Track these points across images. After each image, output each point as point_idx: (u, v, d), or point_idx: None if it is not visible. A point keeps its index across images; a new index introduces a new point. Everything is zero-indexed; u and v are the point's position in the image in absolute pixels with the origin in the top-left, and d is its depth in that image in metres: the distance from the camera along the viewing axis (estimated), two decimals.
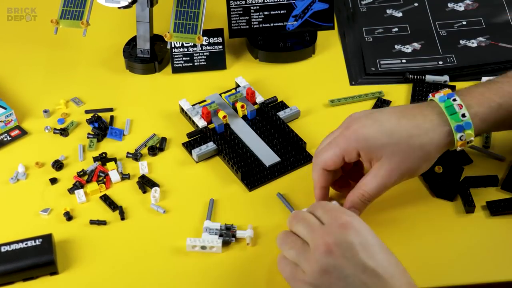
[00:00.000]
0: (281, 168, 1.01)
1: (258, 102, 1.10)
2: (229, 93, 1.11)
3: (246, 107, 1.08)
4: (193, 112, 1.07)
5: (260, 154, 1.02)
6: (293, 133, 1.04)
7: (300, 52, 1.20)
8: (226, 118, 1.06)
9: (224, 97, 1.10)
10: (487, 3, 1.27)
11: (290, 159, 1.02)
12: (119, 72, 1.20)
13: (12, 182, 1.00)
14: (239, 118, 1.08)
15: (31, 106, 1.13)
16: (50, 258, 0.87)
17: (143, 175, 1.00)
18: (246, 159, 1.01)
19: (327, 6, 1.18)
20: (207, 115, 1.06)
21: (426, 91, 1.11)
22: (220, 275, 0.88)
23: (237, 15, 1.18)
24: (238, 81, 1.13)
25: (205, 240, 0.89)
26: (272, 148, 1.03)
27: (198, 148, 1.02)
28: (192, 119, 1.07)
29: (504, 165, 1.00)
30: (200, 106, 1.08)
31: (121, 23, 1.28)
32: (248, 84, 1.12)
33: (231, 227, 0.92)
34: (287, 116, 1.08)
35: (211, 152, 1.02)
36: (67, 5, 1.13)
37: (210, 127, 1.06)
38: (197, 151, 1.01)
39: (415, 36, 1.22)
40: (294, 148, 1.03)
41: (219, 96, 1.11)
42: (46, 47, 1.25)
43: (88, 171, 1.00)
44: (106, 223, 0.94)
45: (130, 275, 0.88)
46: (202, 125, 1.05)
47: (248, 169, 0.99)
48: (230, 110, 1.09)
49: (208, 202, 0.96)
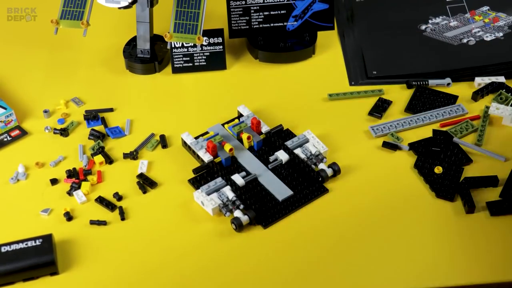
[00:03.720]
0: (294, 201, 0.96)
1: (264, 132, 1.05)
2: (232, 123, 1.06)
3: (252, 138, 1.03)
4: (197, 147, 1.01)
5: (272, 188, 0.97)
6: (303, 163, 0.99)
7: (300, 52, 1.20)
8: (233, 151, 1.01)
9: (228, 128, 1.05)
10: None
11: (303, 191, 0.97)
12: (119, 72, 1.20)
13: (12, 182, 1.00)
14: (245, 150, 1.03)
15: (31, 106, 1.13)
16: (50, 258, 0.87)
17: (142, 173, 1.00)
18: (258, 193, 0.97)
19: (327, 6, 1.18)
20: (212, 149, 1.00)
21: (427, 96, 1.11)
22: (223, 274, 0.88)
23: (237, 15, 1.18)
24: (241, 110, 1.08)
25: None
26: (283, 180, 0.98)
27: (206, 185, 0.96)
28: (196, 153, 1.02)
29: (504, 165, 1.00)
30: (204, 139, 1.02)
31: (121, 23, 1.28)
32: (252, 113, 1.06)
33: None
34: (295, 145, 1.02)
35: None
36: (67, 5, 1.13)
37: (216, 161, 1.01)
38: (206, 189, 0.96)
39: (416, 36, 1.22)
40: (306, 180, 0.98)
41: (222, 127, 1.06)
42: (46, 47, 1.25)
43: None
44: (106, 223, 0.94)
45: (130, 275, 0.88)
46: (208, 160, 1.01)
47: (260, 205, 0.95)
48: (236, 141, 1.04)
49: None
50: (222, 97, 1.14)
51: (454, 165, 0.99)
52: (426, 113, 1.07)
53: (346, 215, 0.94)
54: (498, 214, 0.93)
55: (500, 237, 0.91)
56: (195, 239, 0.92)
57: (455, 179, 0.97)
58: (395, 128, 1.06)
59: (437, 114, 1.07)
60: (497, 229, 0.92)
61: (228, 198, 0.95)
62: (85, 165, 1.02)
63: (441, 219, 0.93)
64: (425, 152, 1.01)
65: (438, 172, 0.97)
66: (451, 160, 1.00)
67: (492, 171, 0.98)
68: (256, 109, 1.09)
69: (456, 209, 0.94)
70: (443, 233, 0.92)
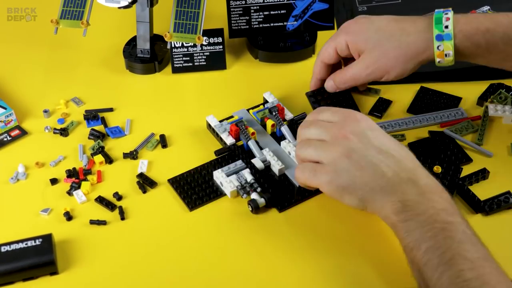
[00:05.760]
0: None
1: (287, 119, 1.06)
2: (257, 109, 1.07)
3: (276, 124, 1.04)
4: (221, 129, 1.03)
5: (290, 174, 0.98)
6: None
7: (300, 52, 1.20)
8: (255, 135, 1.03)
9: (252, 113, 1.07)
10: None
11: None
12: (119, 72, 1.20)
13: (12, 182, 1.00)
14: (267, 135, 1.05)
15: (31, 106, 1.13)
16: (50, 258, 0.87)
17: (142, 173, 1.00)
18: (275, 178, 0.98)
19: (327, 6, 1.18)
20: (235, 132, 1.02)
21: (429, 98, 1.11)
22: (223, 273, 0.88)
23: (237, 15, 1.18)
24: (266, 97, 1.09)
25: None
26: None
27: (226, 167, 0.98)
28: (219, 136, 1.03)
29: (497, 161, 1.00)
30: (228, 123, 1.04)
31: (121, 23, 1.29)
32: (276, 100, 1.08)
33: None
34: None
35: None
36: (67, 5, 1.13)
37: (238, 144, 1.03)
38: (226, 170, 0.98)
39: None
40: None
41: (247, 112, 1.08)
42: (46, 47, 1.25)
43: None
44: (106, 223, 0.94)
45: (130, 275, 0.88)
46: (230, 143, 1.02)
47: (277, 189, 0.96)
48: (259, 126, 1.06)
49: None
50: (222, 97, 1.14)
51: (453, 165, 0.99)
52: (425, 115, 1.07)
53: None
54: (494, 212, 0.92)
55: (500, 238, 0.91)
56: (195, 239, 0.92)
57: (454, 177, 0.97)
58: (394, 128, 1.06)
59: (435, 117, 1.07)
60: (496, 229, 0.92)
61: (247, 181, 0.96)
62: (85, 165, 1.02)
63: None
64: (424, 151, 1.01)
65: (437, 171, 0.97)
66: (451, 159, 1.00)
67: (491, 171, 0.98)
68: (296, 110, 1.09)
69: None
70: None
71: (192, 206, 0.95)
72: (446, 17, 0.96)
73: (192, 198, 0.96)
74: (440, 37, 0.95)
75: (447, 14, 0.96)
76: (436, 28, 0.95)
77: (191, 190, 0.97)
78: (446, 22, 0.95)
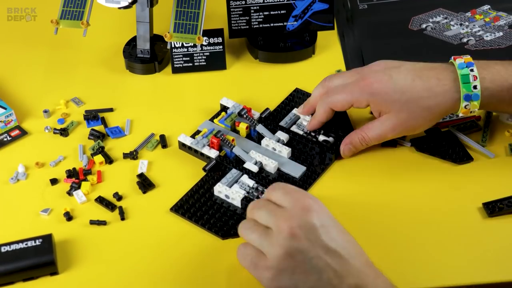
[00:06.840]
0: (310, 175, 0.98)
1: (255, 118, 1.06)
2: (221, 116, 1.06)
3: (250, 126, 1.04)
4: (199, 145, 1.01)
5: (286, 168, 0.99)
6: (304, 138, 1.02)
7: (300, 52, 1.20)
8: (234, 141, 1.02)
9: (218, 122, 1.06)
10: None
11: (314, 165, 0.99)
12: (119, 72, 1.20)
13: (12, 182, 1.00)
14: (244, 138, 1.04)
15: (31, 106, 1.13)
16: (50, 258, 0.87)
17: (142, 173, 1.00)
18: (273, 176, 0.98)
19: (327, 6, 1.18)
20: (217, 143, 1.01)
21: None
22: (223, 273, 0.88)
23: (237, 15, 1.18)
24: (224, 103, 1.08)
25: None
26: (292, 158, 1.00)
27: (224, 178, 0.97)
28: (199, 152, 1.01)
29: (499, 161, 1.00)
30: (202, 137, 1.02)
31: (121, 23, 1.29)
32: (237, 104, 1.06)
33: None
34: (289, 124, 1.05)
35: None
36: (67, 5, 1.13)
37: (221, 154, 1.01)
38: (225, 182, 0.96)
39: (416, 35, 1.22)
40: (312, 153, 1.01)
41: (212, 122, 1.07)
42: (46, 47, 1.25)
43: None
44: (106, 223, 0.94)
45: (130, 275, 0.88)
46: (215, 155, 1.01)
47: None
48: (232, 133, 1.05)
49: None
50: (222, 97, 1.14)
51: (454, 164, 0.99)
52: None
53: (355, 192, 0.97)
54: (495, 215, 0.92)
55: (500, 238, 0.91)
56: (195, 239, 0.92)
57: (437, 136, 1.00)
58: None
59: None
60: (496, 229, 0.92)
61: (250, 186, 0.96)
62: (85, 165, 1.02)
63: (441, 218, 0.93)
64: (427, 148, 1.01)
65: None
66: (452, 158, 1.00)
67: (492, 170, 0.99)
68: (257, 108, 1.09)
69: (455, 209, 0.94)
70: (442, 233, 0.91)
71: (224, 234, 0.92)
72: (473, 75, 0.93)
73: (217, 225, 0.93)
74: (469, 97, 0.93)
75: (473, 72, 0.93)
76: (464, 87, 0.93)
77: (206, 214, 0.94)
78: (474, 82, 0.93)
